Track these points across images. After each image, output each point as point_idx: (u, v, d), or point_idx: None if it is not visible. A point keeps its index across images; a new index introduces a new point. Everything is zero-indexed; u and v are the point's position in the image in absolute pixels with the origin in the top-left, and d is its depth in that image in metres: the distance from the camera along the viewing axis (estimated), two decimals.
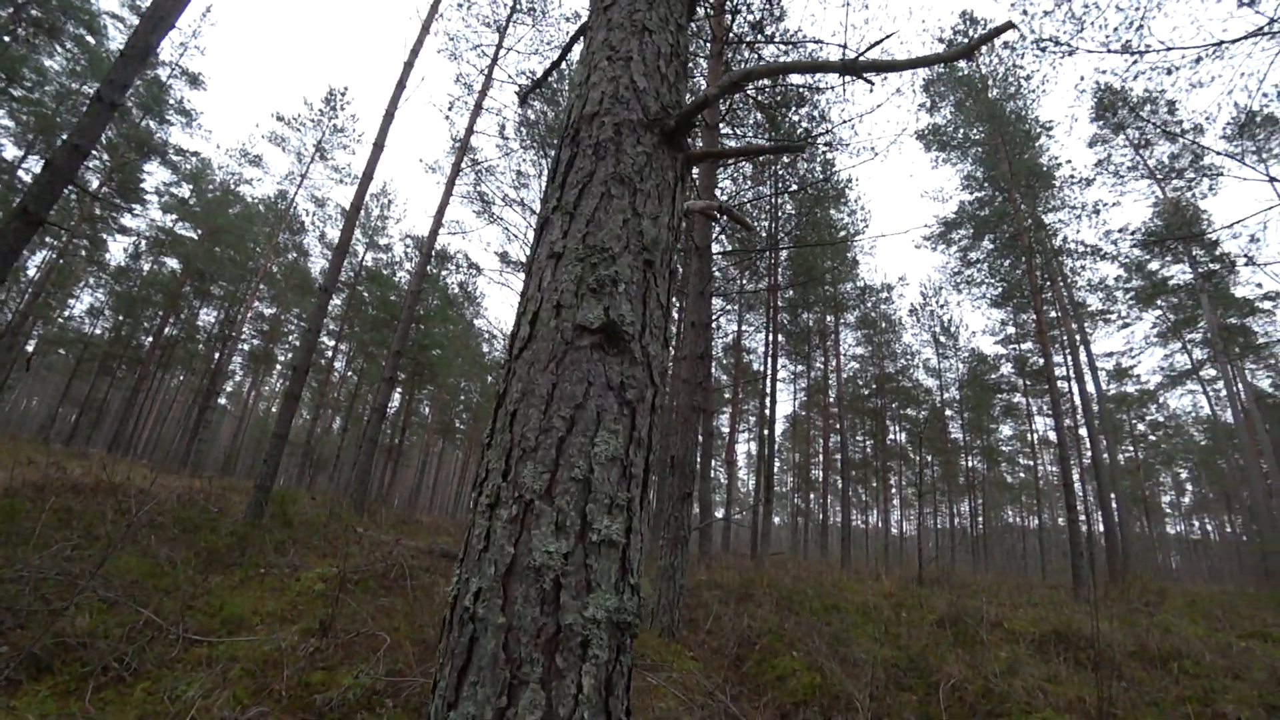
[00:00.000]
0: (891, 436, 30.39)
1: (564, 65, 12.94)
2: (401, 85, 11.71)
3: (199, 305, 28.81)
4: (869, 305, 25.24)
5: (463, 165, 12.25)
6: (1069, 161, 18.00)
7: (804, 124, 8.93)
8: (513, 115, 12.35)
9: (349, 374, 32.65)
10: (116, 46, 19.63)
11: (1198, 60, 8.27)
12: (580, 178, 1.60)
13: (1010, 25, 2.00)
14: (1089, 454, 20.01)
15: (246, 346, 29.97)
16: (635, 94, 1.81)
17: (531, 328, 1.39)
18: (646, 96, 1.82)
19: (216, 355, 27.17)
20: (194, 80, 23.18)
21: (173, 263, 27.40)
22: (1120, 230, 17.08)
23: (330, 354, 28.77)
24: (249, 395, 36.51)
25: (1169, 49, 8.16)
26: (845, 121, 8.36)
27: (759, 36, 8.41)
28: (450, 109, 12.81)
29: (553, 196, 1.63)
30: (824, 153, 8.65)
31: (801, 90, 8.53)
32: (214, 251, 25.96)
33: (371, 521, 10.20)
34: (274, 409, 49.75)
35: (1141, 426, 32.31)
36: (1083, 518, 21.89)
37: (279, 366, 34.27)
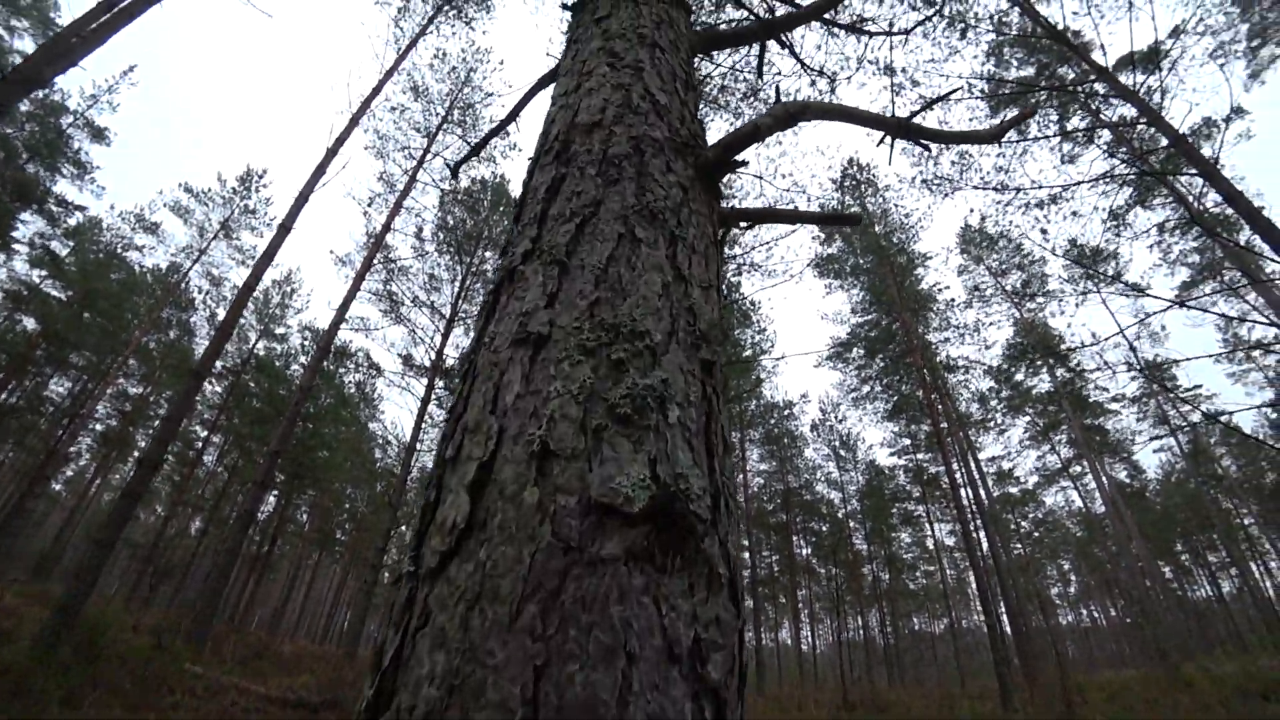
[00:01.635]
0: (798, 549, 30.68)
1: (515, 121, 13.35)
2: (320, 171, 11.53)
3: (51, 374, 25.39)
4: (773, 422, 26.27)
5: (375, 262, 11.99)
6: (948, 287, 20.42)
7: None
8: (431, 218, 12.49)
9: (219, 470, 29.26)
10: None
11: (1053, 200, 9.88)
12: (578, 207, 1.00)
13: (1034, 109, 2.17)
14: (988, 556, 21.08)
15: (100, 427, 26.39)
16: (654, 107, 1.37)
17: (473, 504, 0.65)
18: (670, 115, 1.40)
19: (60, 432, 23.65)
20: (98, 134, 21.92)
21: (30, 322, 24.32)
22: (988, 346, 19.30)
23: (200, 445, 25.82)
24: (92, 484, 31.71)
25: (1027, 188, 9.78)
26: (762, 244, 9.03)
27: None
28: (370, 204, 12.71)
29: (524, 237, 1.00)
30: (735, 273, 9.24)
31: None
32: (82, 317, 23.35)
33: (214, 655, 8.59)
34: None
35: (1025, 524, 34.78)
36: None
37: (136, 454, 30.29)
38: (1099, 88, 11.25)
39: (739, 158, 1.68)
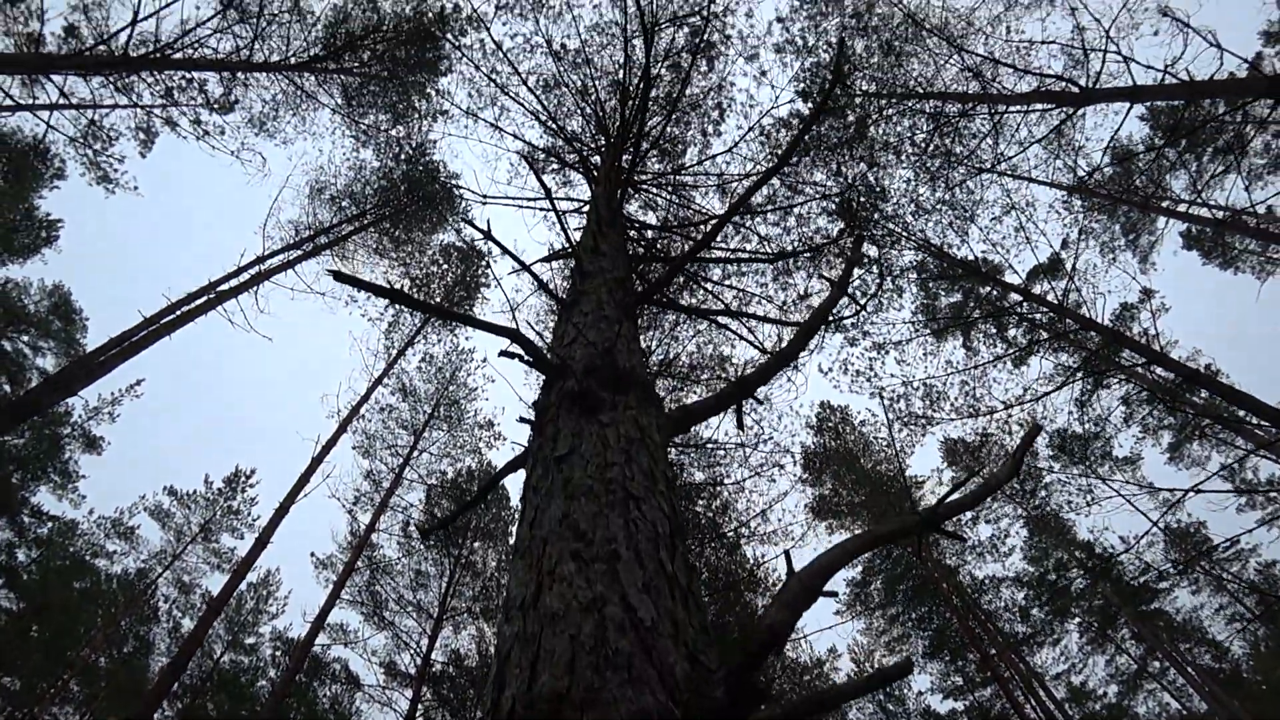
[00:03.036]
0: None
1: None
2: (304, 480, 11.55)
3: None
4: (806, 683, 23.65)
5: (358, 564, 11.54)
6: (967, 479, 19.83)
7: (708, 514, 9.45)
8: (418, 514, 12.45)
9: None
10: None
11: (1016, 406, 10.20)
12: None
13: (1038, 429, 2.10)
14: None
15: None
16: (641, 643, 1.27)
17: None
18: (661, 648, 1.34)
19: None
20: (91, 443, 22.04)
21: None
22: (1007, 555, 18.24)
23: None
24: None
25: (1002, 408, 10.19)
26: (758, 514, 8.95)
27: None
28: (355, 503, 12.67)
29: None
30: (735, 541, 9.05)
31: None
32: (29, 633, 21.00)
33: None
34: None
35: None
36: None
37: None
38: (1017, 297, 12.57)
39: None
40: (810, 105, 8.80)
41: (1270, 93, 8.63)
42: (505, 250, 3.90)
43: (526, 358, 3.02)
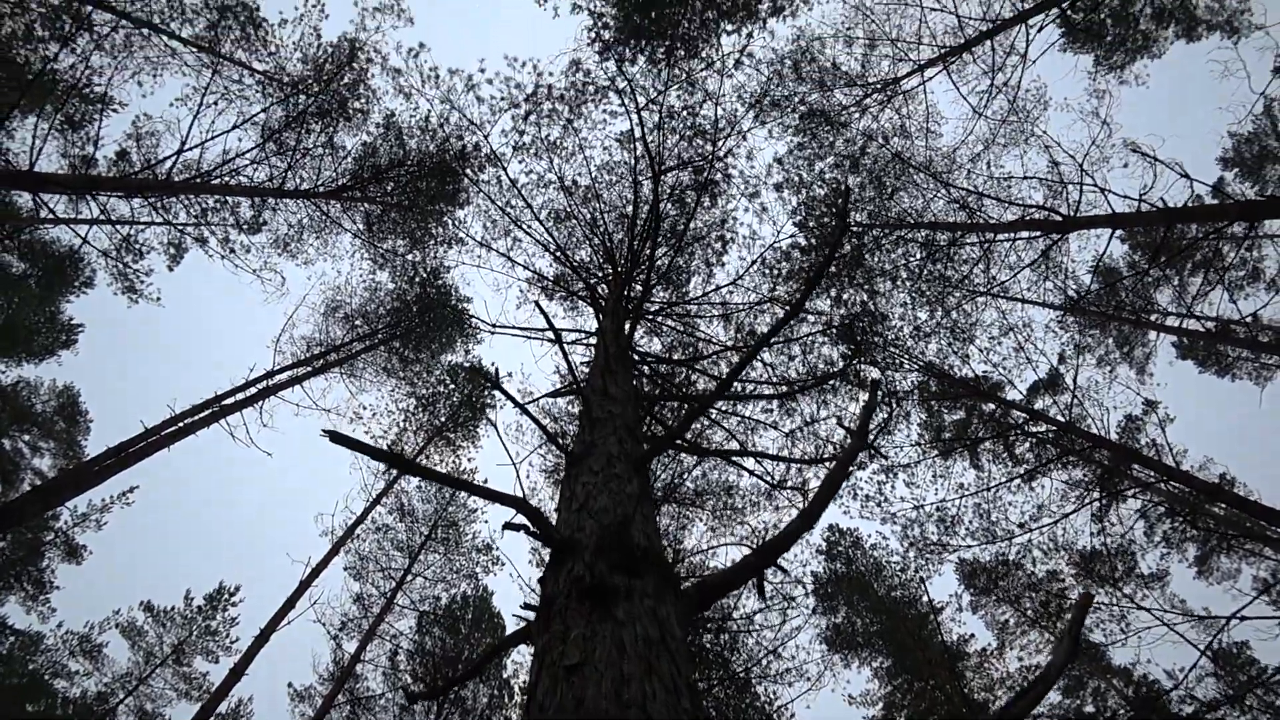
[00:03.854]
0: None
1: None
2: (290, 604, 10.98)
3: None
4: None
5: (338, 698, 10.69)
6: (973, 635, 18.92)
7: (715, 649, 8.86)
8: (407, 644, 11.71)
9: None
10: None
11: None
12: None
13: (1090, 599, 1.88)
14: None
15: None
16: None
17: None
18: None
19: None
20: (73, 552, 20.95)
21: None
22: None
23: None
24: None
25: (1020, 533, 9.85)
26: (769, 651, 8.38)
27: None
28: (341, 629, 11.95)
29: None
30: (746, 679, 8.41)
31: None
32: None
33: None
34: None
35: None
36: None
37: None
38: (1021, 415, 12.51)
39: None
40: (806, 236, 9.26)
41: (1243, 216, 9.08)
42: (512, 400, 3.90)
43: (533, 530, 2.91)
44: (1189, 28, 12.83)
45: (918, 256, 10.65)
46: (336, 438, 2.62)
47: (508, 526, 2.95)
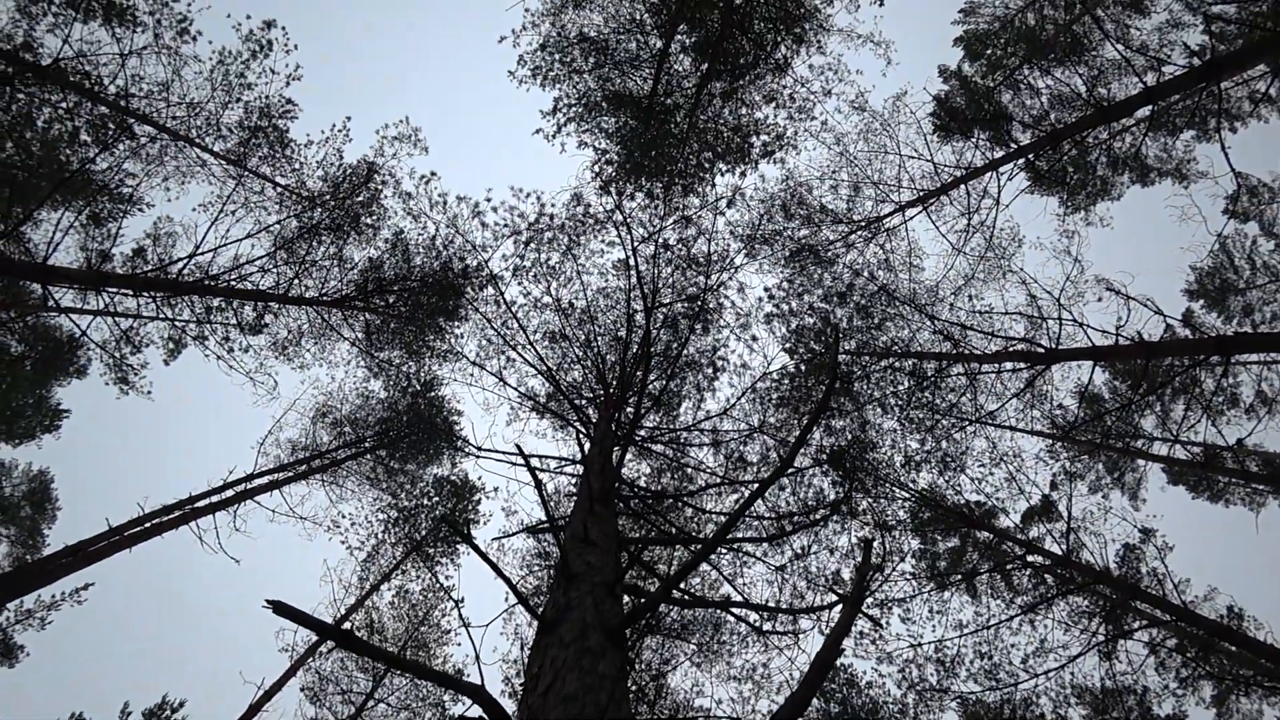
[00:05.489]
0: None
1: None
2: None
3: None
4: None
5: None
6: None
7: None
8: None
9: None
10: None
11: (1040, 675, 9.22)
12: None
13: None
14: None
15: None
16: None
17: None
18: None
19: None
20: (7, 650, 19.22)
21: None
22: None
23: None
24: None
25: (1026, 677, 9.23)
26: None
27: None
28: None
29: None
30: None
31: None
32: None
33: None
34: None
35: None
36: None
37: None
38: (1017, 549, 12.19)
39: None
40: (796, 363, 9.48)
41: (1219, 350, 9.37)
42: (483, 556, 3.80)
43: None
44: (1142, 174, 13.92)
45: (906, 385, 10.85)
46: (280, 609, 2.53)
47: None
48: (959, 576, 11.04)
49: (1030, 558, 12.02)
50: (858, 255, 11.65)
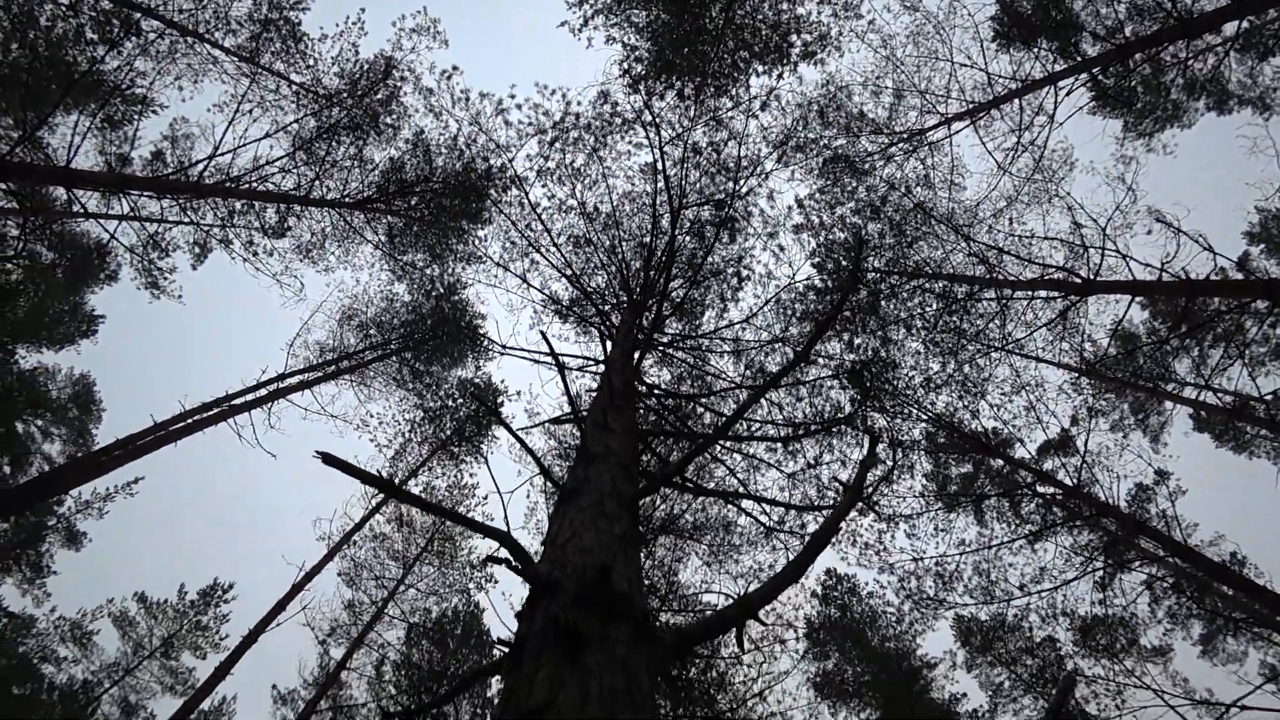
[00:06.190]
0: None
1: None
2: (281, 606, 10.94)
3: None
4: None
5: (321, 704, 10.57)
6: (965, 694, 18.35)
7: (702, 685, 8.65)
8: (394, 654, 11.61)
9: None
10: None
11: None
12: None
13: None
14: None
15: None
16: None
17: None
18: None
19: None
20: (73, 538, 21.11)
21: None
22: None
23: None
24: None
25: (1020, 595, 9.57)
26: (755, 694, 8.15)
27: None
28: (330, 635, 11.88)
29: None
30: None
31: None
32: None
33: None
34: None
35: None
36: None
37: None
38: (1029, 476, 12.24)
39: None
40: (823, 279, 9.27)
41: (1267, 294, 8.95)
42: (510, 431, 3.91)
43: (515, 564, 2.89)
44: (1220, 100, 12.82)
45: (934, 307, 10.60)
46: (329, 459, 2.66)
47: (490, 560, 2.93)
48: (969, 500, 11.19)
49: (1041, 488, 12.08)
50: (896, 169, 11.12)
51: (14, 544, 20.24)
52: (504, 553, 2.78)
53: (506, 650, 2.63)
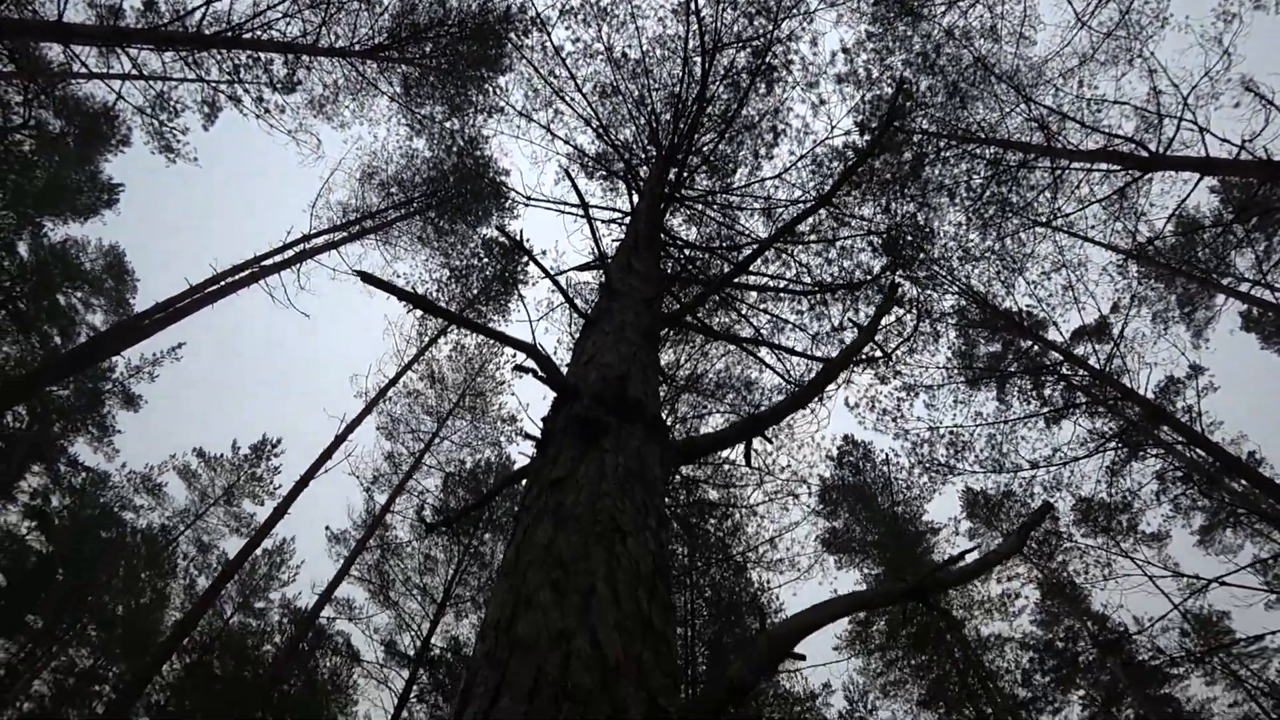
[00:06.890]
0: None
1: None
2: (327, 455, 11.73)
3: None
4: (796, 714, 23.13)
5: (370, 542, 11.69)
6: (965, 553, 19.31)
7: (719, 534, 9.29)
8: (433, 500, 12.61)
9: None
10: None
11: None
12: None
13: (1048, 507, 2.12)
14: None
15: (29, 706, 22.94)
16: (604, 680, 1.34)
17: None
18: (622, 685, 1.39)
19: None
20: (130, 400, 22.79)
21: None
22: (1015, 615, 17.52)
23: None
24: None
25: (1029, 469, 9.83)
26: (767, 540, 8.74)
27: None
28: (373, 482, 12.85)
29: None
30: (742, 564, 8.89)
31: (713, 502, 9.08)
32: (54, 576, 21.85)
33: None
34: None
35: None
36: None
37: None
38: (1058, 357, 12.04)
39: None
40: (867, 139, 8.65)
41: None
42: (534, 260, 3.88)
43: (540, 374, 2.97)
44: None
45: (981, 175, 9.93)
46: (367, 279, 2.75)
47: (518, 369, 3.01)
48: (993, 377, 11.14)
49: (1067, 369, 11.90)
50: (959, 17, 9.95)
51: (78, 407, 21.79)
52: (531, 363, 2.85)
53: (536, 440, 2.79)
